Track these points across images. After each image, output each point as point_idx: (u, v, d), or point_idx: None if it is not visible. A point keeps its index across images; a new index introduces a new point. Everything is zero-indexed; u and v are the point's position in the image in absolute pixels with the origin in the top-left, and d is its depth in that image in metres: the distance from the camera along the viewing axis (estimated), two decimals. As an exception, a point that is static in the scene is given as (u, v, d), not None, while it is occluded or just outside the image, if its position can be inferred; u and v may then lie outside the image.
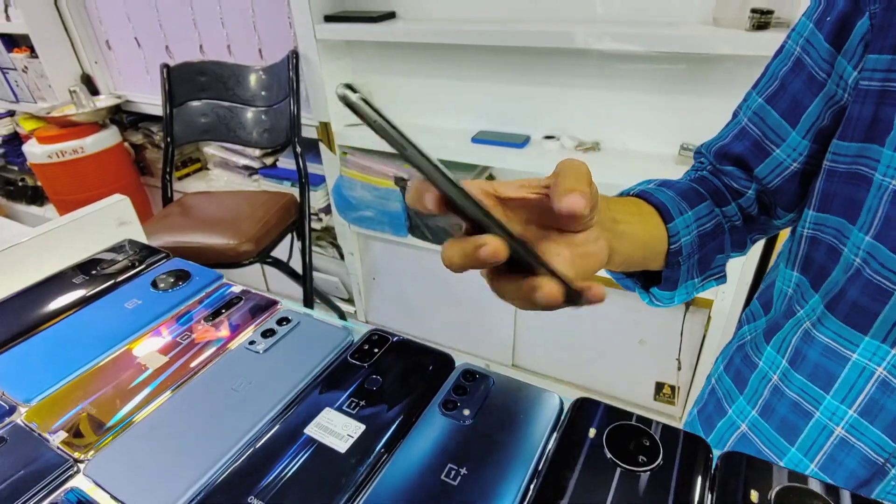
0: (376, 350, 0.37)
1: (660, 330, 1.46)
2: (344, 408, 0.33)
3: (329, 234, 1.96)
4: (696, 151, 0.53)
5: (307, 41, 1.48)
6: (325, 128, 1.61)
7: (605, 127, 1.38)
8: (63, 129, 1.86)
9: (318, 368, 0.36)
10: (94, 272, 0.47)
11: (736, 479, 0.28)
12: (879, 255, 0.35)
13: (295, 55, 1.50)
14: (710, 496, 0.28)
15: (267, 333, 0.39)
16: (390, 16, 1.47)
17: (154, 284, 0.46)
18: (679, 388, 1.56)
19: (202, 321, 0.42)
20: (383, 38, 1.44)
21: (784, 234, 0.54)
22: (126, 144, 2.05)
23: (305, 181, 1.56)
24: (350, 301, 2.00)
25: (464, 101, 1.54)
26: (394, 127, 0.21)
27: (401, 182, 1.59)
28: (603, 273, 0.52)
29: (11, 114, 2.27)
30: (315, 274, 2.09)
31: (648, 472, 0.28)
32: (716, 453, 0.30)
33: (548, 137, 1.42)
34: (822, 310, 0.41)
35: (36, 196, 2.36)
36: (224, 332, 0.41)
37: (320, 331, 0.40)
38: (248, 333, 0.40)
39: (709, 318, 1.32)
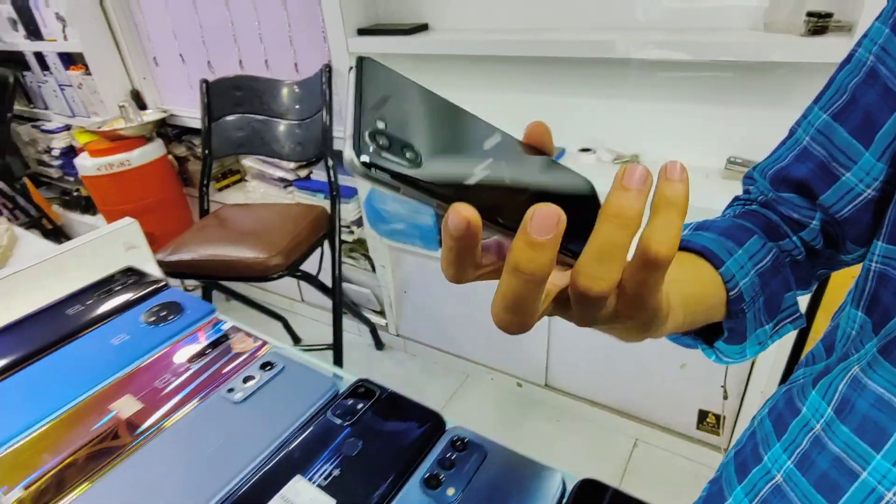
0: (360, 406, 0.34)
1: (703, 355, 1.36)
2: (315, 477, 0.29)
3: (362, 246, 1.95)
4: (745, 176, 0.46)
5: (340, 55, 1.48)
6: (357, 141, 1.61)
7: (645, 139, 1.31)
8: (112, 143, 1.94)
9: (295, 424, 0.33)
10: (89, 303, 0.46)
11: None
12: None
13: (328, 69, 1.50)
14: None
15: (248, 379, 0.36)
16: (423, 28, 1.45)
17: (145, 318, 0.44)
18: (725, 417, 1.45)
19: (186, 362, 0.39)
20: (416, 51, 1.42)
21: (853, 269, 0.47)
22: (170, 157, 2.11)
23: (336, 195, 1.55)
24: (381, 313, 1.98)
25: (498, 112, 1.50)
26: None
27: (432, 195, 1.56)
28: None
29: (68, 128, 2.39)
30: (347, 286, 2.09)
31: (662, 584, 0.23)
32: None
33: (584, 150, 1.35)
34: (874, 353, 0.35)
35: (88, 206, 2.47)
36: (206, 375, 0.38)
37: (304, 378, 0.37)
38: (230, 377, 0.38)
39: (758, 345, 1.22)
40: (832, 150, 0.38)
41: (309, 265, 1.52)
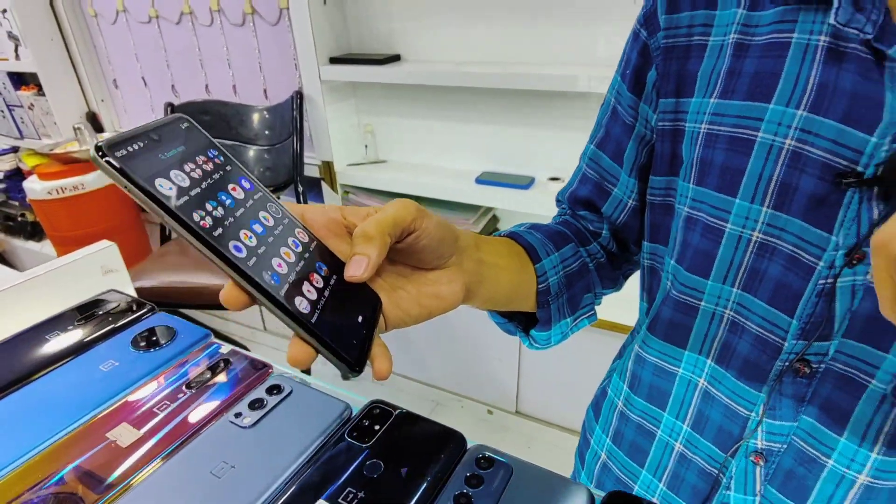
0: (377, 427, 0.33)
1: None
2: (339, 500, 0.28)
3: (329, 273, 1.92)
4: (556, 200, 0.55)
5: (312, 82, 1.48)
6: (327, 167, 1.60)
7: (611, 169, 1.36)
8: (65, 166, 1.86)
9: (311, 448, 0.32)
10: (69, 328, 0.44)
11: None
12: (680, 276, 0.40)
13: (299, 95, 1.50)
14: None
15: (255, 404, 0.35)
16: (395, 58, 1.48)
17: (135, 343, 0.42)
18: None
19: (184, 388, 0.37)
20: (388, 80, 1.44)
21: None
22: (127, 181, 2.04)
23: (306, 220, 1.53)
24: (349, 342, 1.94)
25: (469, 142, 1.53)
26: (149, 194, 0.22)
27: (403, 222, 1.56)
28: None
29: (15, 150, 2.28)
30: (314, 314, 2.04)
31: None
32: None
33: (553, 179, 1.40)
34: (645, 331, 0.45)
35: (34, 232, 2.33)
36: (209, 401, 0.36)
37: (315, 401, 0.36)
38: (234, 403, 0.36)
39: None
40: (602, 172, 0.48)
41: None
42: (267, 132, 1.56)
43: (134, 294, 0.53)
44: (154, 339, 0.42)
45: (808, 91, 0.31)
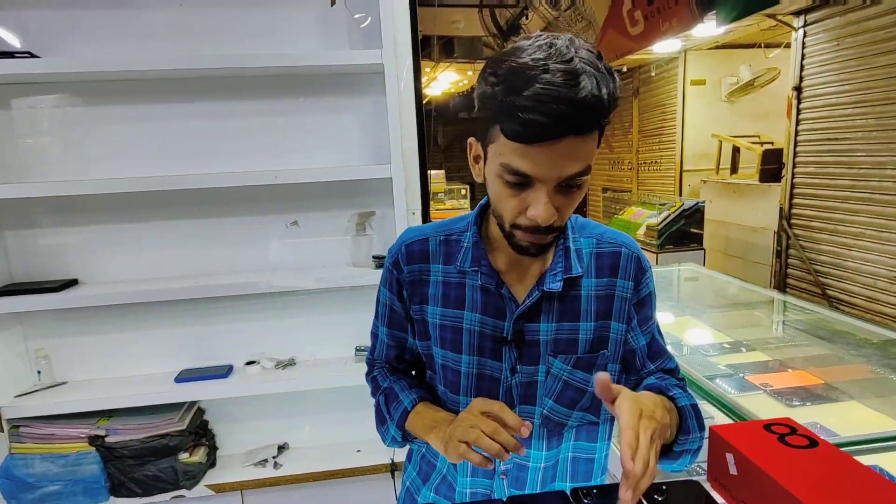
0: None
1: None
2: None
3: (-12, 534, 1.58)
4: (367, 362, 0.91)
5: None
6: (-14, 405, 1.45)
7: (296, 345, 1.69)
8: None
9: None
10: None
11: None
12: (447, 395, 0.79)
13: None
14: None
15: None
16: (73, 283, 1.53)
17: None
18: None
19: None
20: (66, 306, 1.46)
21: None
22: None
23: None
24: None
25: (161, 348, 1.64)
26: None
27: (97, 440, 1.50)
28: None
29: None
30: None
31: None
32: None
33: (249, 363, 1.63)
34: None
35: None
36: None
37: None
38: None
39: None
40: (397, 338, 0.82)
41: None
42: None
43: None
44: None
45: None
